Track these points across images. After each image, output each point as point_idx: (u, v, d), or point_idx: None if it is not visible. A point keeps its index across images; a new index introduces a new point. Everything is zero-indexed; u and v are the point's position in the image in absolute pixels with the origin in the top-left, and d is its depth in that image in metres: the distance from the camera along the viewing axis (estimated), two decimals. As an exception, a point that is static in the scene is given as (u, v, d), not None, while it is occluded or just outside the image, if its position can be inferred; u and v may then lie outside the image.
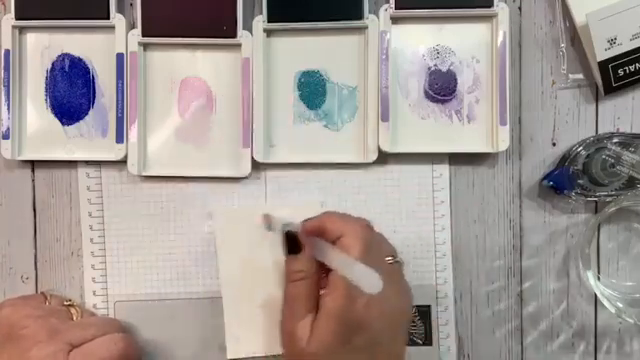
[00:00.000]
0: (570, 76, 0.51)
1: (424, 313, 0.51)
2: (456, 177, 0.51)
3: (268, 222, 0.48)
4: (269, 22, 0.49)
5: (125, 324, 0.51)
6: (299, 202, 0.51)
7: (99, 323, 0.48)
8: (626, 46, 0.48)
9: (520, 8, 0.51)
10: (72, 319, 0.48)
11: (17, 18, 0.50)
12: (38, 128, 0.51)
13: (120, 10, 0.50)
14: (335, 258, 0.40)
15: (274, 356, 0.51)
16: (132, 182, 0.51)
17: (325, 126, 0.51)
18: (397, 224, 0.51)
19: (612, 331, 0.52)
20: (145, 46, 0.51)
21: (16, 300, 0.49)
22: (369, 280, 0.37)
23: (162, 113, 0.51)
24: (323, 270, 0.43)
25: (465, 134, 0.50)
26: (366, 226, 0.43)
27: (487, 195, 0.52)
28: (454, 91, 0.50)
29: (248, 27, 0.50)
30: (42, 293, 0.51)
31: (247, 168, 0.50)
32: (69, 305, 0.50)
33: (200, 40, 0.50)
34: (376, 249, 0.43)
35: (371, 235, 0.43)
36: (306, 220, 0.44)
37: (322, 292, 0.42)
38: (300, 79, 0.51)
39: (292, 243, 0.44)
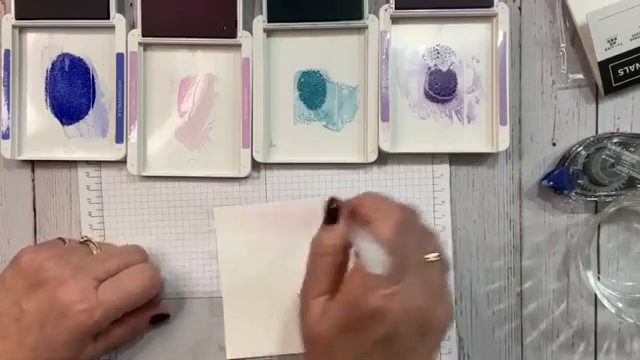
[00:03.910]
0: (570, 76, 0.51)
1: (424, 313, 0.51)
2: (456, 177, 0.51)
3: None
4: (269, 22, 0.49)
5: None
6: (299, 202, 0.51)
7: (120, 254, 0.48)
8: (626, 46, 0.48)
9: (520, 8, 0.51)
10: (92, 254, 0.48)
11: (17, 18, 0.50)
12: (38, 128, 0.51)
13: (120, 10, 0.50)
14: (358, 238, 0.38)
15: (275, 356, 0.51)
16: (132, 182, 0.51)
17: (325, 126, 0.51)
18: (397, 224, 0.51)
19: (612, 331, 0.52)
20: (145, 46, 0.51)
21: (34, 246, 0.48)
22: (372, 257, 0.36)
23: (162, 113, 0.51)
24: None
25: (465, 134, 0.50)
26: (405, 212, 0.40)
27: (487, 195, 0.52)
28: (454, 91, 0.50)
29: (248, 27, 0.50)
30: (60, 238, 0.49)
31: (247, 168, 0.50)
32: (86, 241, 0.49)
33: (200, 40, 0.50)
34: (412, 239, 0.39)
35: (408, 223, 0.39)
36: (348, 200, 0.42)
37: (347, 275, 0.40)
38: (300, 79, 0.51)
39: (331, 217, 0.41)
